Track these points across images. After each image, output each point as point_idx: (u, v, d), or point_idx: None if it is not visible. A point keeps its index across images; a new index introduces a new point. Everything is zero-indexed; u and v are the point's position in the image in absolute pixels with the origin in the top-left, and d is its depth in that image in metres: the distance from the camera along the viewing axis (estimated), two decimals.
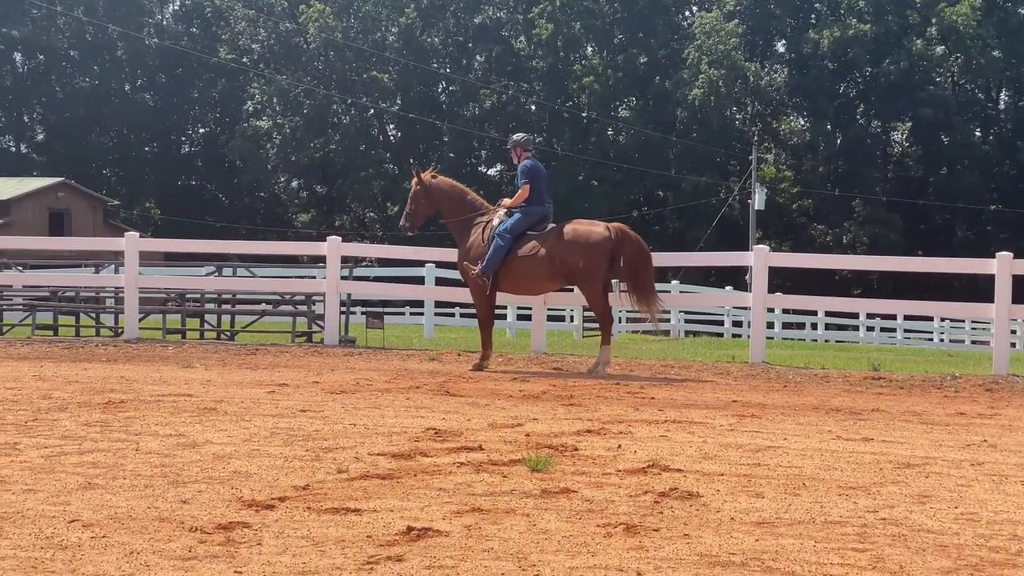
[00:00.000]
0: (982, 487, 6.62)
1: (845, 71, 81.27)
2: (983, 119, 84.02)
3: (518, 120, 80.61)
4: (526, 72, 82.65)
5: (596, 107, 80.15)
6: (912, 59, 76.80)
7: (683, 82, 77.50)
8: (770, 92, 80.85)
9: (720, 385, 13.24)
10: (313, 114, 78.04)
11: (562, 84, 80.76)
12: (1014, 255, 15.81)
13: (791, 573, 4.58)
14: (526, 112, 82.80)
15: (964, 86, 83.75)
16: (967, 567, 4.74)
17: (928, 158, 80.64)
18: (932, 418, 10.25)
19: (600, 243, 14.36)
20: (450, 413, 9.48)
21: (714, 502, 5.96)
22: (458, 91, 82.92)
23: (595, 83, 79.17)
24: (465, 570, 4.52)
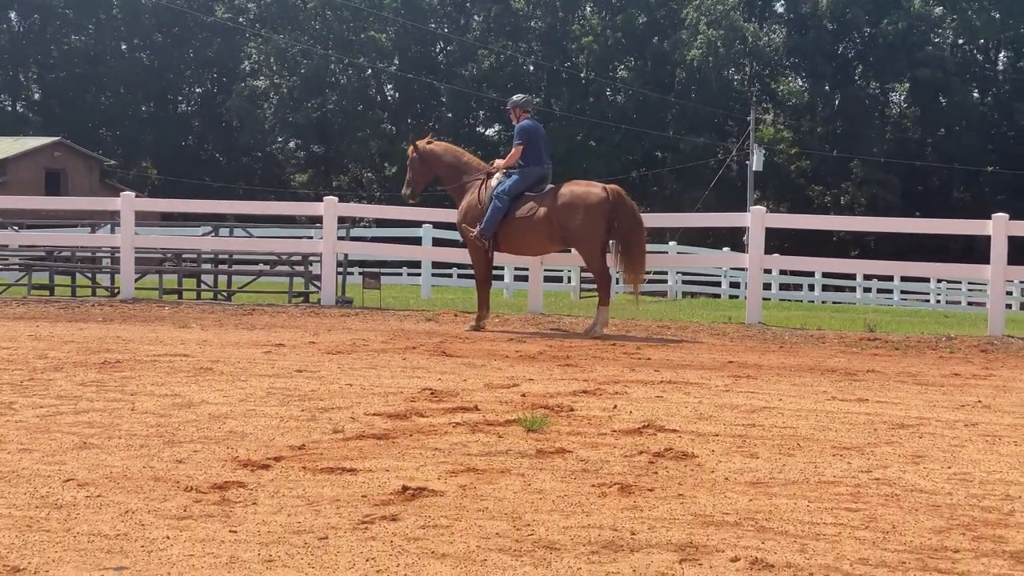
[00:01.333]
0: (975, 447, 6.63)
1: (843, 31, 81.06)
2: (981, 80, 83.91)
3: (516, 81, 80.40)
4: (524, 32, 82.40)
5: (595, 67, 79.98)
6: (910, 19, 76.65)
7: (682, 42, 77.33)
8: (768, 53, 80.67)
9: (716, 346, 13.25)
10: (310, 74, 77.85)
11: (561, 44, 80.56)
12: (1010, 217, 15.80)
13: (784, 533, 4.59)
14: (524, 72, 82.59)
15: (962, 47, 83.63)
16: (959, 527, 4.75)
17: (926, 119, 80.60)
18: (927, 379, 10.26)
19: (597, 204, 14.33)
20: (446, 373, 9.49)
21: (709, 462, 5.97)
22: (456, 51, 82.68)
23: (594, 43, 78.98)
24: (460, 529, 4.53)
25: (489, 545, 4.31)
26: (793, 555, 4.27)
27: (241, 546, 4.24)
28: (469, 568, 4.03)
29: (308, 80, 78.04)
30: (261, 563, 4.03)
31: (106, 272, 22.60)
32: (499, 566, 4.06)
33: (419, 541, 4.34)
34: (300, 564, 4.03)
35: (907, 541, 4.51)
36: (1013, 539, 4.57)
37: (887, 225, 27.02)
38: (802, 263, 25.78)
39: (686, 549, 4.31)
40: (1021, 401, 8.84)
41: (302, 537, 4.37)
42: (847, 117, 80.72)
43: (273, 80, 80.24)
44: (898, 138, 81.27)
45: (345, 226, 19.78)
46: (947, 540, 4.54)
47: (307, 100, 78.77)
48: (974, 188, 79.21)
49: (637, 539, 4.44)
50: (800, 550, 4.34)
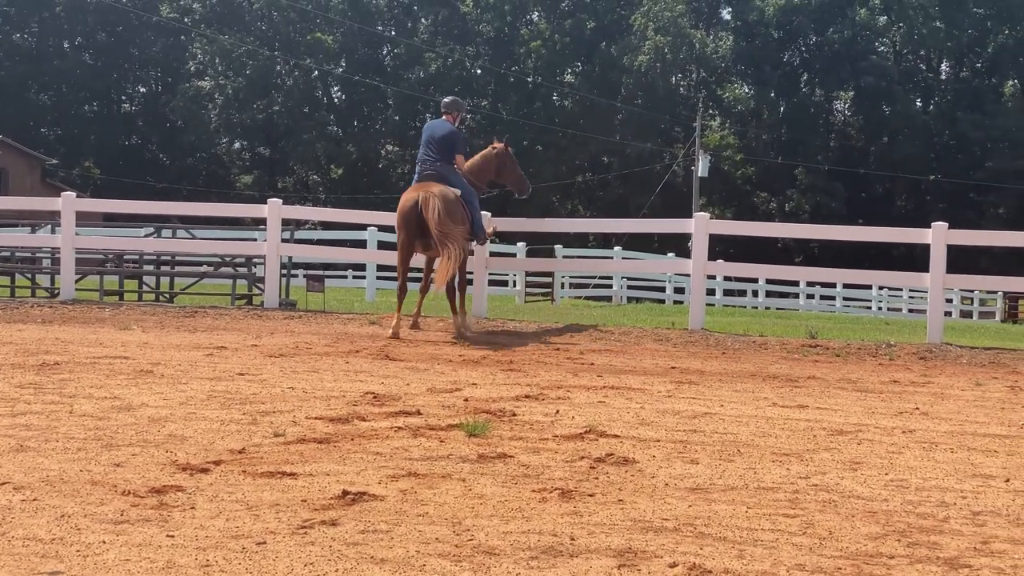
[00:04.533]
0: (912, 454, 6.70)
1: (789, 39, 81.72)
2: (924, 89, 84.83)
3: (463, 84, 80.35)
4: (472, 36, 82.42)
5: (542, 72, 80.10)
6: (856, 28, 77.37)
7: (629, 48, 77.63)
8: (715, 59, 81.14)
9: (659, 351, 13.29)
10: (256, 75, 77.42)
11: (508, 48, 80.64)
12: (950, 225, 15.95)
13: (723, 539, 4.62)
14: (472, 76, 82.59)
15: (906, 56, 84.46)
16: (895, 533, 4.80)
17: (870, 127, 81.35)
18: (867, 385, 10.36)
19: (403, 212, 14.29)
20: (389, 377, 9.48)
21: (649, 468, 6.00)
22: (403, 54, 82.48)
23: (541, 48, 79.13)
24: (399, 535, 4.52)
25: (428, 550, 4.31)
26: (731, 561, 4.29)
27: (178, 551, 4.21)
28: (408, 573, 4.02)
29: (253, 81, 77.58)
30: (198, 568, 4.01)
31: (46, 273, 22.34)
32: (438, 571, 4.06)
33: (358, 546, 4.33)
34: (238, 569, 4.01)
35: (843, 547, 4.55)
36: (947, 545, 4.63)
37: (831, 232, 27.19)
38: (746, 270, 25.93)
39: (625, 555, 4.33)
40: (958, 408, 8.94)
41: (240, 542, 4.35)
42: (792, 124, 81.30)
43: (218, 81, 79.70)
44: (842, 146, 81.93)
45: (289, 228, 19.68)
46: (883, 546, 4.59)
47: (253, 101, 78.30)
48: (917, 196, 79.98)
49: (576, 545, 4.45)
50: (738, 556, 4.37)
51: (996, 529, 4.94)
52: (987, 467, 6.38)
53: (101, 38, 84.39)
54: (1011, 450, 6.95)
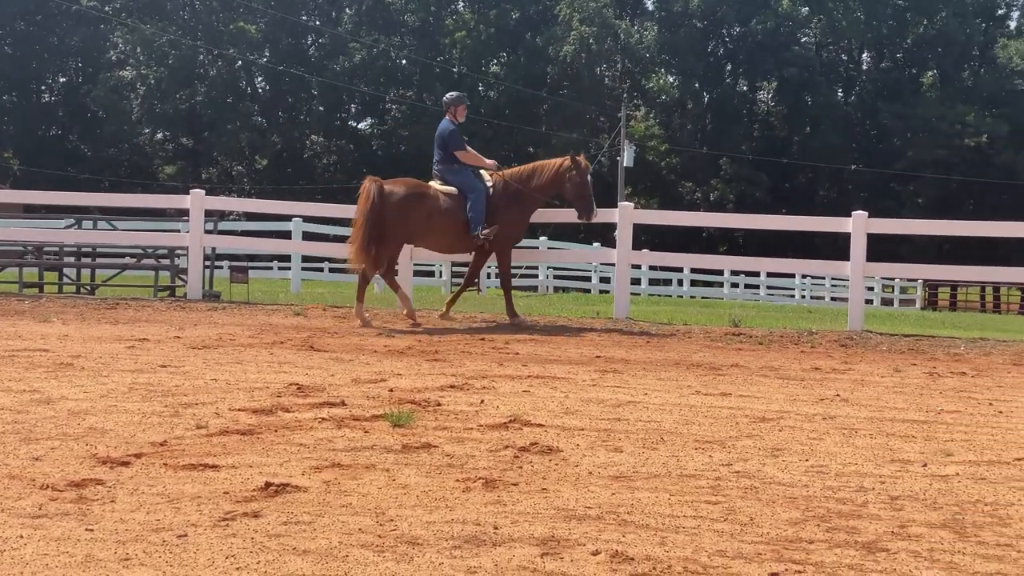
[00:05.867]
0: (833, 440, 6.78)
1: (713, 30, 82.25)
2: (846, 80, 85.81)
3: (388, 75, 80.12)
4: (397, 26, 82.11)
5: (467, 62, 79.98)
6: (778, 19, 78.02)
7: (554, 39, 77.70)
8: (640, 50, 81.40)
9: (584, 340, 13.35)
10: (178, 65, 76.57)
11: (433, 39, 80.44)
12: (871, 214, 16.16)
13: (645, 526, 4.64)
14: (397, 67, 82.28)
15: (828, 47, 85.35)
16: (815, 518, 4.86)
17: (793, 118, 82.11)
18: (788, 373, 10.47)
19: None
20: (313, 368, 9.44)
21: (573, 456, 6.02)
22: (328, 44, 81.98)
23: (467, 38, 79.03)
24: (322, 525, 4.50)
25: (351, 541, 4.30)
26: (653, 548, 4.32)
27: (97, 545, 4.16)
28: (330, 564, 4.00)
29: (176, 71, 76.72)
30: (118, 562, 3.97)
31: None
32: (361, 561, 4.04)
33: (281, 538, 4.31)
34: (158, 562, 3.97)
35: (764, 533, 4.59)
36: (865, 530, 4.69)
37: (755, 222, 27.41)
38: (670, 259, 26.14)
39: (548, 543, 4.34)
40: (878, 395, 9.06)
41: (161, 535, 4.31)
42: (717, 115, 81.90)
43: (140, 71, 78.71)
44: (766, 136, 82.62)
45: (213, 219, 19.52)
46: (802, 531, 4.63)
47: (175, 91, 77.46)
48: (839, 186, 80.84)
49: (500, 533, 4.46)
50: (660, 543, 4.39)
51: (913, 513, 5.00)
52: (905, 452, 6.47)
53: (20, 27, 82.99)
54: (929, 435, 7.06)
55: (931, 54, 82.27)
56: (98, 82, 78.64)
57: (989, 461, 6.27)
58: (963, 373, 11.21)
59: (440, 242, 15.40)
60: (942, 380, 10.47)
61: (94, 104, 79.13)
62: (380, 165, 76.56)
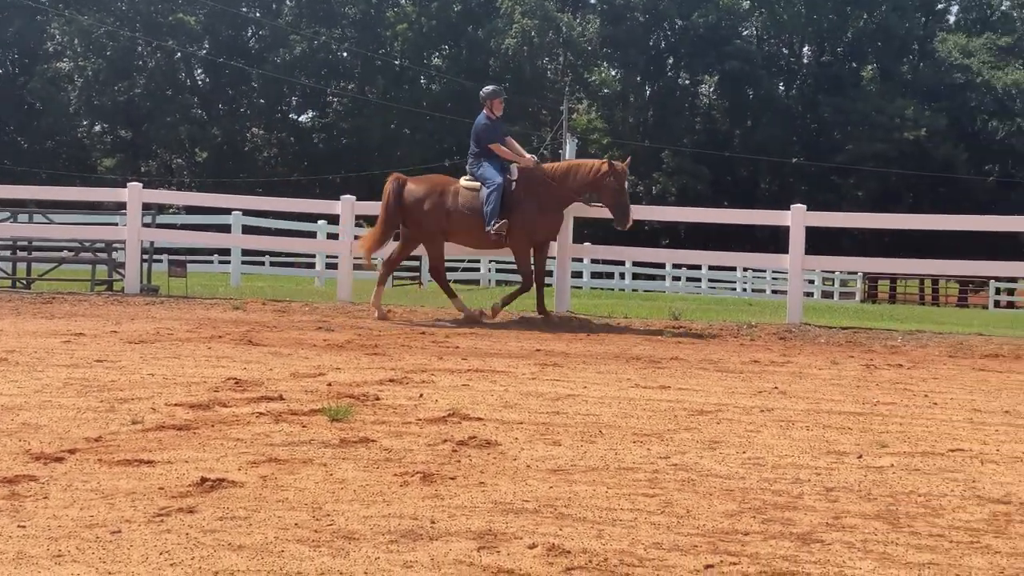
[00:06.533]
0: (770, 432, 6.82)
1: (655, 23, 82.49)
2: (787, 73, 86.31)
3: (330, 67, 79.80)
4: (338, 18, 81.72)
5: (409, 55, 79.81)
6: (720, 12, 78.41)
7: (497, 32, 77.68)
8: (582, 43, 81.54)
9: (524, 334, 13.36)
10: (117, 56, 75.82)
11: (375, 31, 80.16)
12: (812, 207, 16.28)
13: (582, 519, 4.65)
14: (338, 59, 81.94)
15: (769, 40, 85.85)
16: (751, 510, 4.89)
17: (734, 111, 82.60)
18: (728, 366, 10.53)
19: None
20: (252, 363, 9.38)
21: (512, 450, 6.02)
22: (268, 36, 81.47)
23: (408, 31, 78.81)
24: (258, 521, 4.47)
25: (287, 536, 4.28)
26: (590, 541, 4.33)
27: (30, 541, 4.12)
28: (265, 559, 3.98)
29: (114, 63, 75.94)
30: (50, 559, 3.92)
31: None
32: (296, 557, 4.02)
33: (216, 533, 4.28)
34: (91, 559, 3.93)
35: (700, 525, 4.62)
36: (800, 521, 4.72)
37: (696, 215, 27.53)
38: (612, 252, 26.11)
39: (485, 537, 4.34)
40: (815, 387, 9.14)
41: (94, 531, 4.27)
42: (659, 108, 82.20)
43: (77, 62, 77.89)
44: (708, 129, 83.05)
45: (151, 212, 19.35)
46: (738, 523, 4.66)
47: (114, 83, 76.66)
48: (780, 179, 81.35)
49: (437, 528, 4.45)
50: (597, 535, 4.40)
51: (848, 504, 5.05)
52: (841, 444, 6.53)
53: None
54: (864, 427, 7.12)
55: (871, 48, 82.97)
56: (35, 74, 77.70)
57: (923, 452, 6.34)
58: (899, 365, 11.33)
59: (466, 237, 15.36)
60: (879, 372, 10.57)
61: (31, 96, 78.18)
62: (321, 158, 76.35)
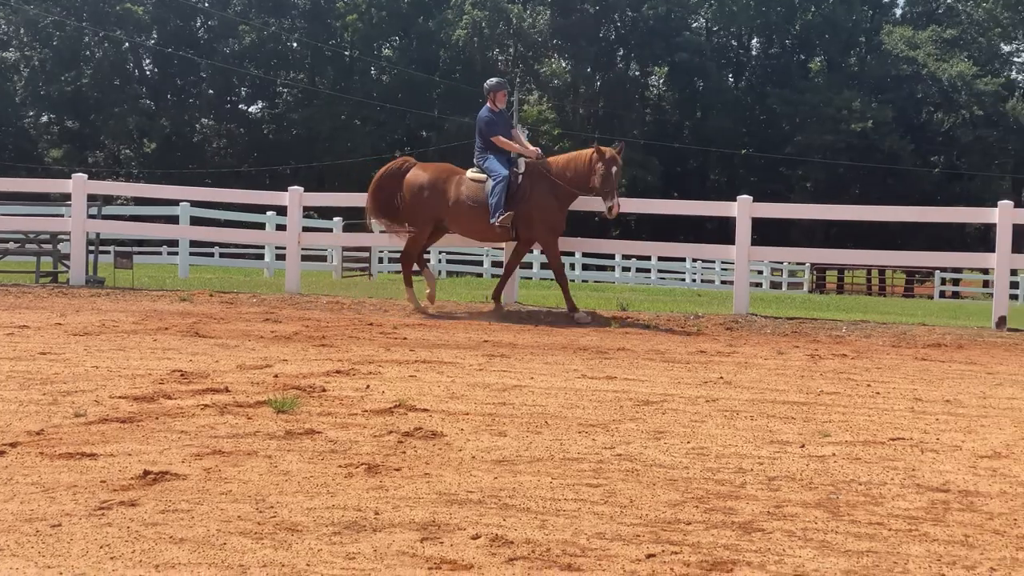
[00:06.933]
0: (714, 422, 6.87)
1: (605, 14, 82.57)
2: (736, 65, 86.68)
3: (279, 57, 79.37)
4: (287, 8, 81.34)
5: (359, 46, 79.50)
6: (670, 4, 78.59)
7: (447, 23, 77.53)
8: (532, 34, 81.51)
9: (472, 325, 13.37)
10: (64, 46, 75.05)
11: (325, 22, 79.76)
12: (761, 198, 16.37)
13: (526, 509, 4.67)
14: (288, 49, 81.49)
15: (718, 32, 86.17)
16: (693, 499, 4.92)
17: (684, 102, 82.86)
18: (674, 356, 10.58)
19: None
20: (198, 355, 9.33)
21: (457, 441, 6.03)
22: (217, 26, 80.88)
23: (358, 21, 78.50)
24: (200, 513, 4.46)
25: (230, 528, 4.27)
26: (533, 531, 4.34)
27: None
28: (207, 552, 3.98)
29: (61, 53, 75.15)
30: None
31: None
32: (239, 549, 4.02)
33: (157, 526, 4.27)
34: (30, 553, 3.91)
35: (643, 515, 4.64)
36: (742, 510, 4.76)
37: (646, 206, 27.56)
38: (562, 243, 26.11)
39: (429, 528, 4.35)
40: (760, 377, 9.20)
41: (34, 525, 4.24)
42: (609, 99, 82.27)
43: (24, 52, 77.06)
44: (658, 120, 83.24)
45: (97, 204, 19.19)
46: (681, 513, 4.69)
47: (61, 73, 75.85)
48: (729, 170, 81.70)
49: (381, 519, 4.46)
50: (540, 526, 4.42)
51: (790, 493, 5.09)
52: (784, 433, 6.58)
53: None
54: (808, 417, 7.18)
55: (819, 40, 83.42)
56: None
57: (865, 441, 6.40)
58: (844, 355, 11.42)
59: (468, 228, 15.27)
60: (823, 362, 10.66)
61: None
62: (271, 149, 75.92)
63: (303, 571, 3.81)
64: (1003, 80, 79.95)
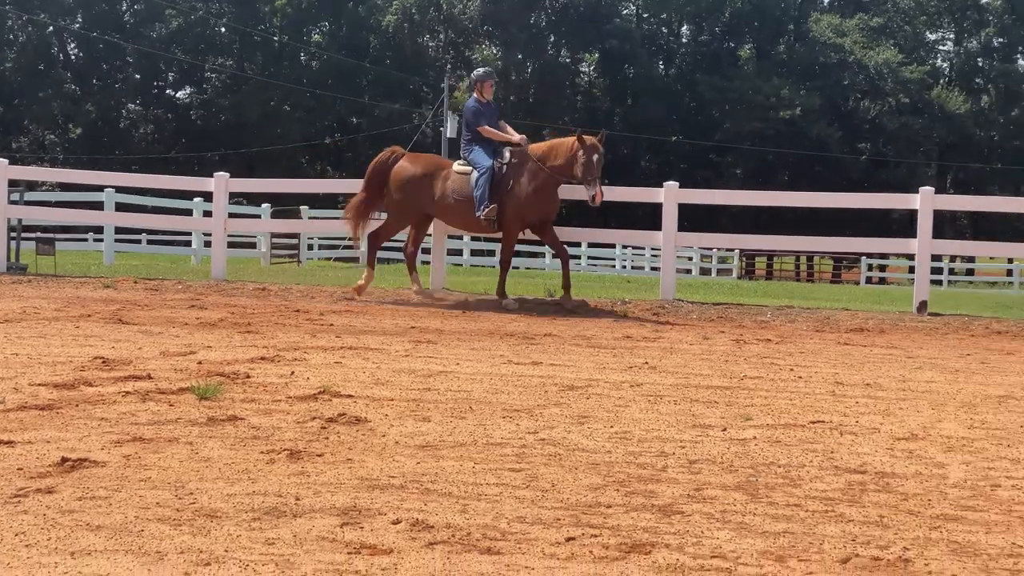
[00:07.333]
0: (638, 407, 6.91)
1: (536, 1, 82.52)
2: (666, 52, 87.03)
3: (207, 42, 78.60)
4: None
5: (288, 31, 78.95)
6: None
7: (377, 8, 77.26)
8: (463, 20, 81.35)
9: (400, 311, 13.35)
10: None
11: (253, 7, 79.08)
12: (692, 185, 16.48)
13: (448, 494, 4.68)
14: (216, 34, 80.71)
15: (648, 19, 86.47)
16: (615, 483, 4.95)
17: (614, 89, 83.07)
18: (600, 342, 10.63)
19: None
20: (121, 342, 9.24)
21: (381, 427, 6.03)
22: (143, 10, 79.87)
23: (287, 7, 77.92)
24: (119, 500, 4.43)
25: (148, 515, 4.24)
26: (454, 516, 4.35)
27: None
28: (124, 539, 3.95)
29: None
30: None
31: None
32: (156, 536, 3.99)
33: (74, 513, 4.23)
34: None
35: (564, 498, 4.67)
36: (663, 493, 4.80)
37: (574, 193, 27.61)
38: None
39: (349, 513, 4.35)
40: (685, 362, 9.27)
41: None
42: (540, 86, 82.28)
43: None
44: (588, 107, 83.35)
45: (19, 189, 18.93)
46: (602, 496, 4.72)
47: None
48: (660, 157, 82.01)
49: (301, 504, 4.45)
50: (461, 510, 4.43)
51: (710, 476, 5.14)
52: (707, 417, 6.63)
53: None
54: (730, 401, 7.25)
55: (748, 28, 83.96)
56: None
57: (785, 424, 6.47)
58: (768, 340, 11.53)
59: (456, 219, 15.22)
60: (747, 347, 10.75)
61: None
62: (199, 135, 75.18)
63: (221, 557, 3.79)
64: (928, 68, 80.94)
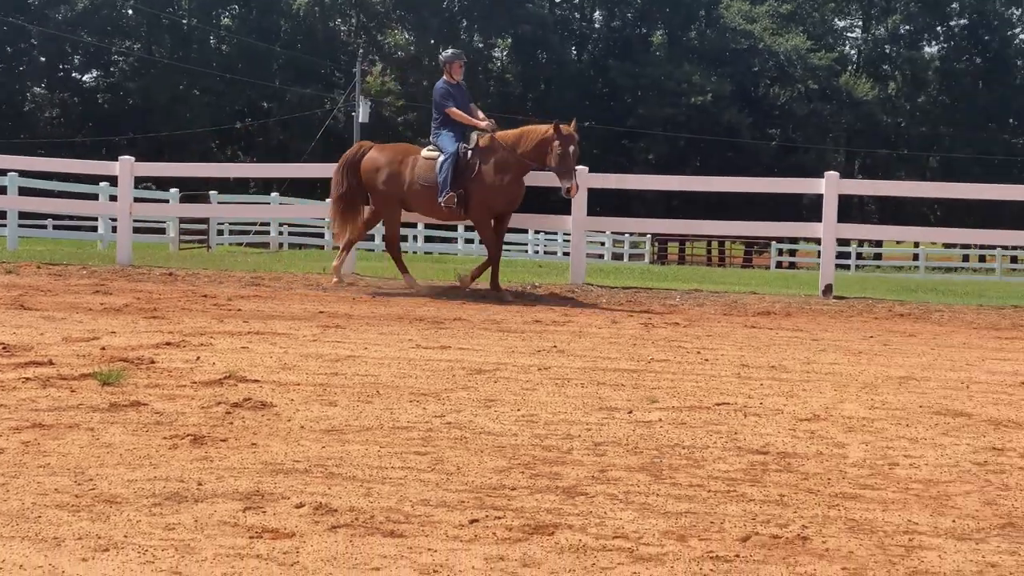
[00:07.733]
0: (545, 390, 6.93)
1: None
2: (579, 38, 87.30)
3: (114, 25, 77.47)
4: None
5: (197, 14, 78.10)
6: None
7: None
8: (375, 5, 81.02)
9: (308, 296, 13.28)
10: None
11: None
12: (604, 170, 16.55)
13: (352, 478, 4.67)
14: (123, 16, 79.56)
15: (560, 5, 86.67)
16: (520, 466, 4.97)
17: (527, 75, 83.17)
18: (509, 326, 10.65)
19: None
20: (22, 327, 9.08)
21: (286, 412, 6.00)
22: None
23: None
24: (16, 487, 4.36)
25: (46, 501, 4.19)
26: (358, 499, 4.35)
27: None
28: (21, 525, 3.89)
29: None
30: None
31: None
32: (54, 522, 3.95)
33: None
34: None
35: (469, 481, 4.68)
36: (567, 475, 4.82)
37: None
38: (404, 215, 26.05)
39: (252, 498, 4.32)
40: (593, 345, 9.31)
41: None
42: None
43: None
44: (501, 92, 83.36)
45: None
46: (507, 479, 4.74)
47: None
48: None
49: (203, 489, 4.42)
50: (365, 494, 4.43)
51: (615, 458, 5.17)
52: (614, 400, 6.67)
53: None
54: (637, 384, 7.30)
55: (660, 14, 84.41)
56: None
57: (691, 407, 6.53)
58: (676, 324, 11.63)
59: (422, 206, 14.89)
60: (656, 330, 10.83)
61: None
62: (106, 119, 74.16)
63: (120, 542, 3.75)
64: (836, 55, 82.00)
